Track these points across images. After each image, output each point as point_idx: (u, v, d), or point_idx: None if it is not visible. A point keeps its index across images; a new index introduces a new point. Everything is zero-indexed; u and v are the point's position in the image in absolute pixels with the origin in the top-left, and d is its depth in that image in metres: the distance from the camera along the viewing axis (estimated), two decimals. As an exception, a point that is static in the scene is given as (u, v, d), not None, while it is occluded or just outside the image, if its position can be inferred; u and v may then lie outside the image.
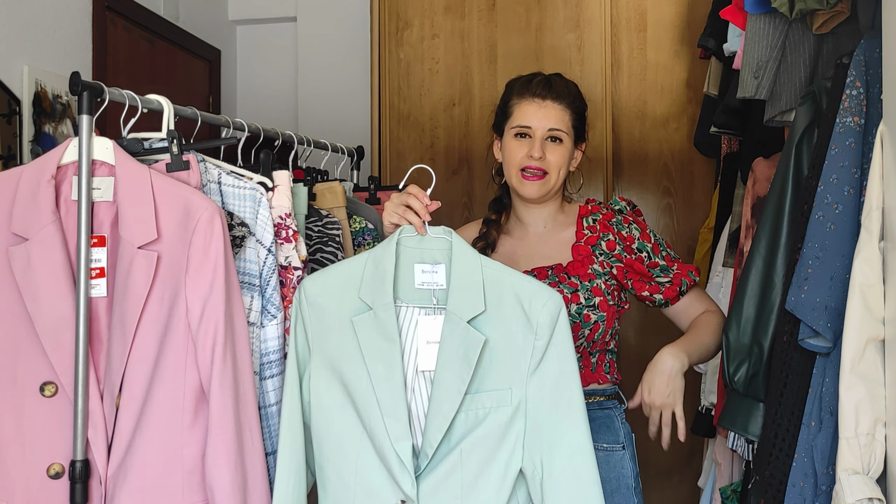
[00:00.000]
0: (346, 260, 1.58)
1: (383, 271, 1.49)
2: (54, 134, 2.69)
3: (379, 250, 1.52)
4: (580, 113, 1.84)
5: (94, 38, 3.01)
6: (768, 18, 1.79)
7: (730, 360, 1.63)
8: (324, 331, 1.51)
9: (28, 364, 1.51)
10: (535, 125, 1.79)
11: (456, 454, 1.44)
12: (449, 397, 1.43)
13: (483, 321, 1.46)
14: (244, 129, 1.95)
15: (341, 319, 1.50)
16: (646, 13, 3.09)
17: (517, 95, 1.84)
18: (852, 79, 1.42)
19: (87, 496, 1.49)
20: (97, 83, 1.55)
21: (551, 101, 1.80)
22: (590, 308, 1.75)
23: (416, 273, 1.51)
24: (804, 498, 1.37)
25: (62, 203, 1.55)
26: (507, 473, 1.44)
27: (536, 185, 1.79)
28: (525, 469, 1.46)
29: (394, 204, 1.56)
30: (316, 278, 1.54)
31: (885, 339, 1.30)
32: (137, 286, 1.48)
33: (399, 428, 1.43)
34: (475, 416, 1.45)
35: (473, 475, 1.44)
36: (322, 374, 1.50)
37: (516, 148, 1.80)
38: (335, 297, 1.51)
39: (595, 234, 1.83)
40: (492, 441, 1.44)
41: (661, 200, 3.10)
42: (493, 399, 1.45)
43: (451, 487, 1.44)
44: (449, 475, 1.44)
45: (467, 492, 1.43)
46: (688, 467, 3.02)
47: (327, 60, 4.05)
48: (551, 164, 1.78)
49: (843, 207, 1.39)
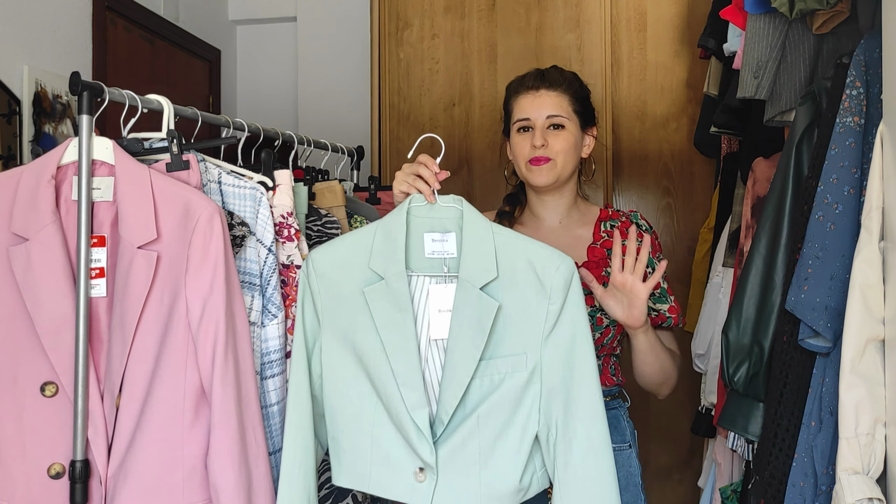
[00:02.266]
0: (355, 231, 1.56)
1: (394, 240, 1.49)
2: (54, 134, 2.69)
3: (389, 220, 1.52)
4: (581, 97, 1.84)
5: (94, 38, 3.01)
6: (768, 18, 1.79)
7: (730, 360, 1.63)
8: (335, 303, 1.50)
9: (28, 364, 1.51)
10: (533, 115, 1.80)
11: (473, 420, 1.44)
12: (463, 364, 1.43)
13: (496, 287, 1.46)
14: (244, 129, 1.95)
15: (352, 291, 1.49)
16: (646, 13, 3.09)
17: (514, 93, 1.86)
18: (852, 79, 1.42)
19: (87, 496, 1.49)
20: (97, 83, 1.55)
21: (545, 89, 1.81)
22: (603, 312, 1.76)
23: (426, 242, 1.51)
24: (804, 498, 1.37)
25: (62, 203, 1.55)
26: (525, 438, 1.45)
27: (544, 171, 1.78)
28: (540, 434, 1.47)
29: (404, 173, 1.56)
30: (324, 250, 1.53)
31: (885, 339, 1.30)
32: (137, 286, 1.48)
33: (415, 396, 1.43)
34: (490, 382, 1.45)
35: (491, 441, 1.44)
36: (334, 345, 1.49)
37: (521, 142, 1.82)
38: (345, 269, 1.50)
39: (611, 239, 1.83)
40: (508, 406, 1.45)
41: (661, 200, 3.11)
42: (508, 364, 1.45)
43: (469, 454, 1.44)
44: (466, 442, 1.44)
45: (486, 458, 1.44)
46: (688, 467, 3.02)
47: (327, 60, 4.05)
48: (556, 150, 1.79)
49: (843, 207, 1.39)
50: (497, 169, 3.08)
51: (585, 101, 1.86)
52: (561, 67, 1.90)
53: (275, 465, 1.59)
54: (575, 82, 1.85)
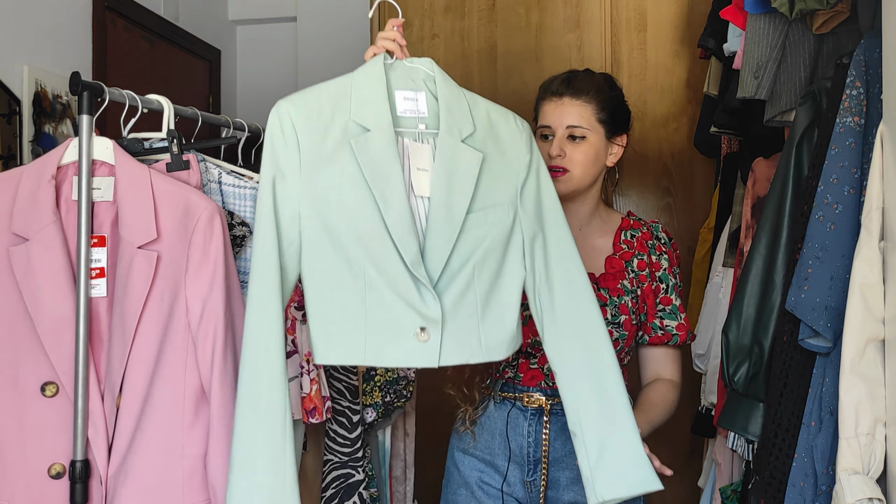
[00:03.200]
0: (325, 83, 1.47)
1: (376, 92, 1.45)
2: (54, 134, 2.69)
3: (363, 72, 1.48)
4: (609, 106, 1.79)
5: (94, 38, 3.01)
6: (768, 18, 1.79)
7: (730, 360, 1.63)
8: (314, 157, 1.40)
9: (29, 364, 1.51)
10: (553, 124, 1.78)
11: (468, 271, 1.44)
12: (451, 217, 1.42)
13: (473, 141, 1.48)
14: (244, 129, 1.95)
15: (336, 143, 1.40)
16: (646, 13, 3.09)
17: (540, 97, 1.84)
18: (852, 79, 1.42)
19: (87, 496, 1.49)
20: (97, 83, 1.55)
21: (569, 97, 1.78)
22: (614, 325, 1.76)
23: (397, 100, 1.49)
24: (804, 498, 1.37)
25: (62, 203, 1.55)
26: (515, 285, 1.49)
27: (560, 182, 1.74)
28: (527, 283, 1.51)
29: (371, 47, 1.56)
30: (295, 99, 1.42)
31: (885, 339, 1.30)
32: (137, 286, 1.48)
33: (413, 250, 1.38)
34: (479, 234, 1.45)
35: (486, 291, 1.45)
36: (316, 206, 1.39)
37: (542, 149, 1.78)
38: (321, 121, 1.41)
39: (630, 251, 1.82)
40: (498, 255, 1.47)
41: (661, 200, 3.10)
42: (494, 214, 1.47)
43: (467, 305, 1.43)
44: (464, 293, 1.43)
45: (483, 308, 1.45)
46: (688, 467, 3.01)
47: (327, 60, 4.04)
48: (573, 162, 1.76)
49: (843, 207, 1.39)
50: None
51: (615, 109, 1.81)
52: (592, 71, 1.86)
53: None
54: (604, 90, 1.80)
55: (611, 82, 1.85)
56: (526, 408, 1.77)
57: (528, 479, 1.77)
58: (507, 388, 1.80)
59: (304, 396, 1.68)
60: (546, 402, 1.76)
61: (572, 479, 1.75)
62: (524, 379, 1.79)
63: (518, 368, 1.80)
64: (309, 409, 1.68)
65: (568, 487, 1.75)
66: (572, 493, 1.75)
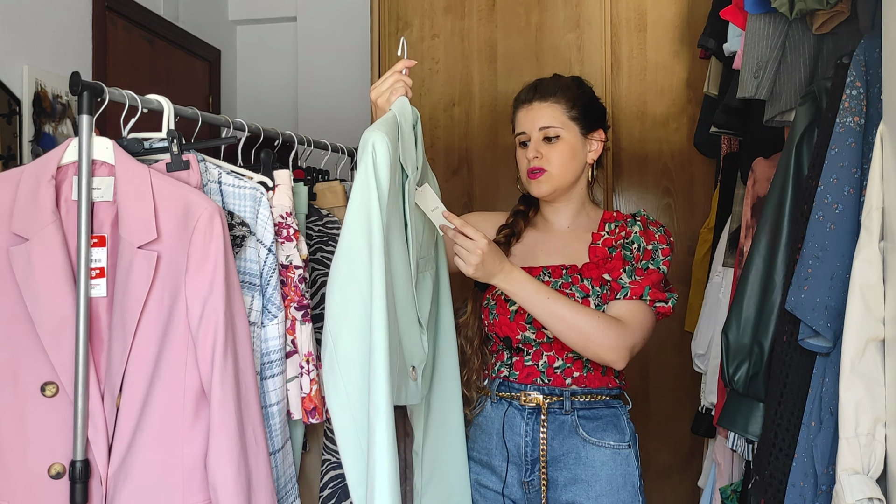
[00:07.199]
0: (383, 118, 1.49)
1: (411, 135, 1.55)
2: (54, 134, 2.69)
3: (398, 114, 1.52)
4: (580, 103, 1.84)
5: (94, 38, 3.01)
6: (768, 18, 1.79)
7: (730, 360, 1.63)
8: (391, 201, 1.43)
9: (29, 364, 1.51)
10: (527, 129, 1.84)
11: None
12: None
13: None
14: (244, 129, 1.95)
15: (395, 187, 1.46)
16: (646, 13, 3.09)
17: (514, 108, 1.90)
18: (852, 79, 1.42)
19: (87, 496, 1.49)
20: (97, 83, 1.55)
21: (537, 101, 1.83)
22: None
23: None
24: (804, 498, 1.37)
25: (62, 203, 1.55)
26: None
27: (542, 182, 1.82)
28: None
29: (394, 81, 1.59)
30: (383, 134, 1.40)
31: (885, 339, 1.30)
32: (137, 286, 1.48)
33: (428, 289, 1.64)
34: None
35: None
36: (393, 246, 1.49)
37: (521, 155, 1.86)
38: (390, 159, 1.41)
39: (612, 237, 1.85)
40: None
41: (661, 200, 3.10)
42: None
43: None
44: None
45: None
46: (688, 467, 3.02)
47: (327, 60, 4.05)
48: (550, 162, 1.81)
49: (843, 207, 1.39)
50: (497, 169, 3.08)
51: (587, 106, 1.85)
52: (559, 75, 1.91)
53: (274, 465, 1.59)
54: (571, 88, 1.85)
55: (579, 81, 1.89)
56: (523, 407, 1.78)
57: (525, 479, 1.77)
58: (503, 387, 1.82)
59: (304, 396, 1.69)
60: (543, 401, 1.77)
61: (570, 478, 1.75)
62: (520, 377, 1.80)
63: (513, 367, 1.81)
64: (309, 409, 1.69)
65: (566, 487, 1.76)
66: (570, 493, 1.75)
